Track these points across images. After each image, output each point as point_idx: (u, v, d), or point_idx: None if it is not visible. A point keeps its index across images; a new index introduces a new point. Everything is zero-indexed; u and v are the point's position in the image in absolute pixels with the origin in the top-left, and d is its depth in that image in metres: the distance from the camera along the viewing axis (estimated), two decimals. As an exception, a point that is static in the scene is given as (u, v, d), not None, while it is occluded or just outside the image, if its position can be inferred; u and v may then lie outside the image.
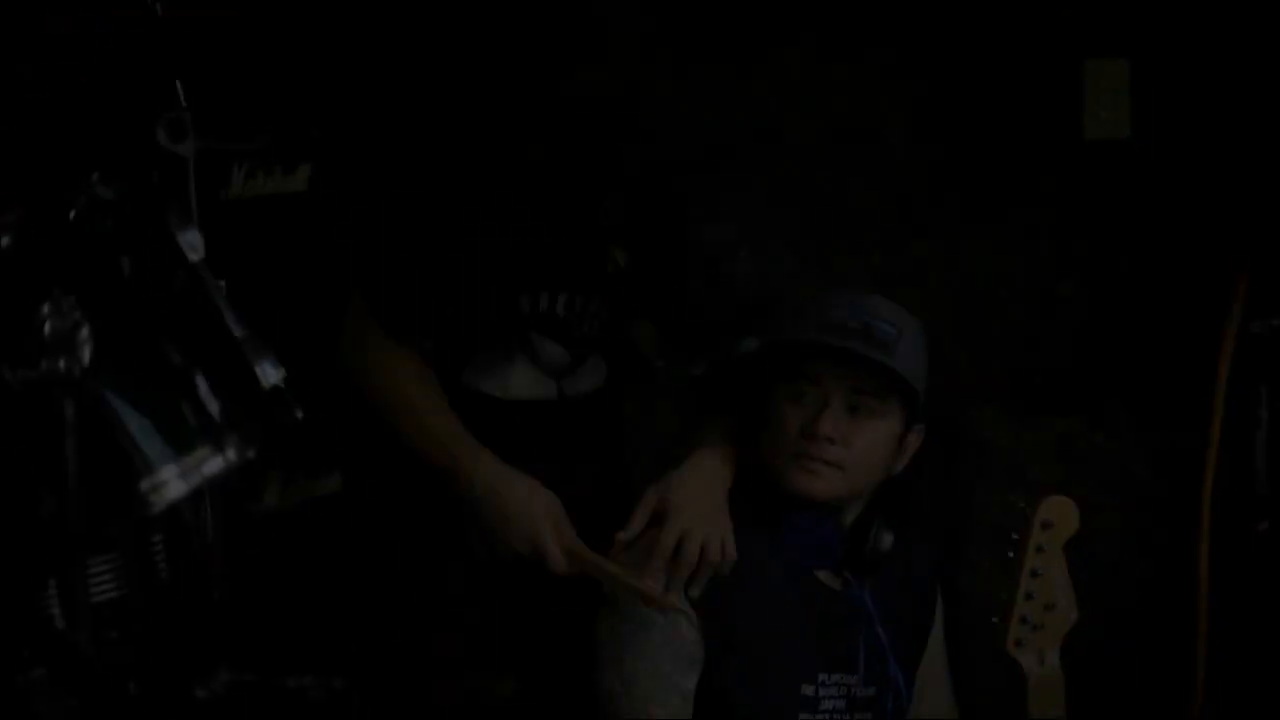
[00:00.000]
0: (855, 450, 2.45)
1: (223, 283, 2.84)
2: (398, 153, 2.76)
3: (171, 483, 2.01)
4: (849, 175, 3.68)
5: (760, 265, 3.75)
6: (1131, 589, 3.51)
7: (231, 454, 2.04)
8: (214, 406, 2.07)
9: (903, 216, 3.64)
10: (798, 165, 3.70)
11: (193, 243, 2.11)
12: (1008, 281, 3.58)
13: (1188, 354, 2.84)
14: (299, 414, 2.18)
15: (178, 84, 2.54)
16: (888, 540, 2.49)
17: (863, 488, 2.50)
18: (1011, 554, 2.24)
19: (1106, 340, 3.54)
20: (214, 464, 2.02)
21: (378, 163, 2.83)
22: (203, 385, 2.07)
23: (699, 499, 2.48)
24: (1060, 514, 2.24)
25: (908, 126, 3.62)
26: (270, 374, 2.14)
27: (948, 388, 3.61)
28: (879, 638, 2.51)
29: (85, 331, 1.98)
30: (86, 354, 1.99)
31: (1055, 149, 3.50)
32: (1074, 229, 3.53)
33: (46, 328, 1.95)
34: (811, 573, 2.49)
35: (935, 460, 3.57)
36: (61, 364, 1.94)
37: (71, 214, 2.01)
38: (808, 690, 2.47)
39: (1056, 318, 3.56)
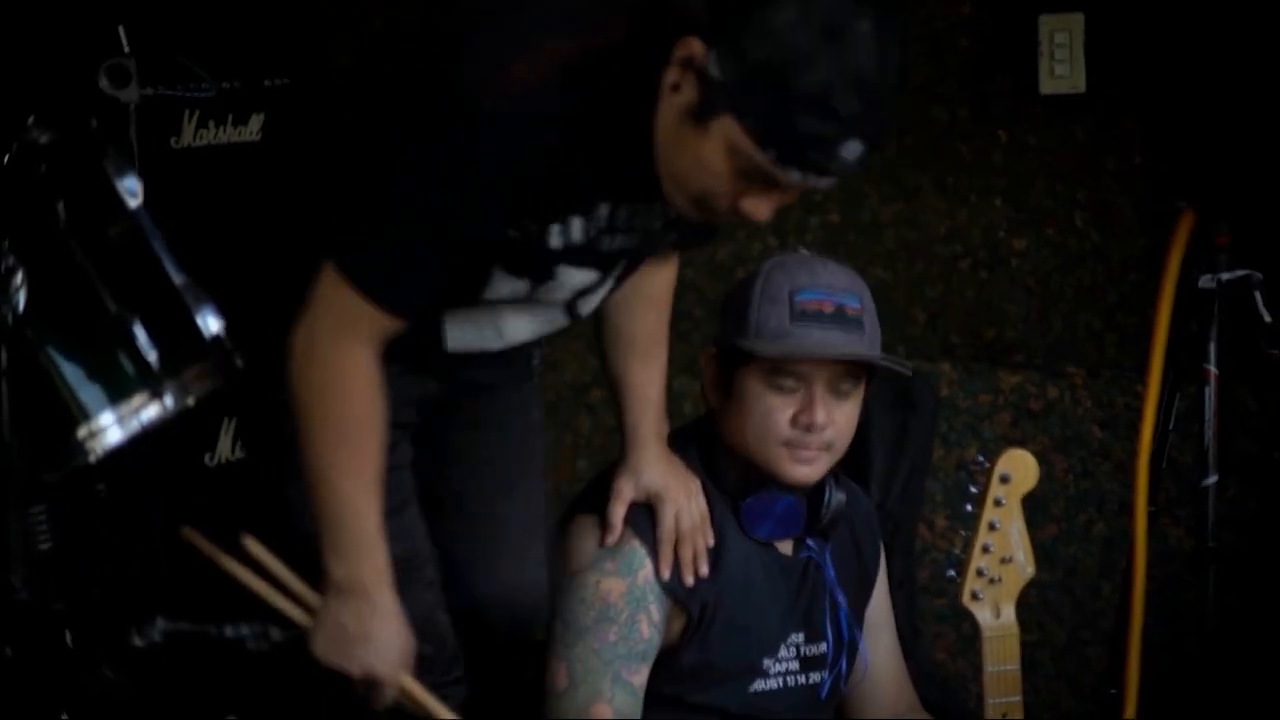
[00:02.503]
0: (840, 429, 2.46)
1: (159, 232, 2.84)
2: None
3: (109, 429, 2.01)
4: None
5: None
6: (1084, 546, 3.53)
7: (169, 401, 2.03)
8: (152, 354, 2.06)
9: (858, 173, 3.63)
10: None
11: (131, 189, 2.09)
12: (962, 237, 3.58)
13: (1142, 310, 2.84)
14: (239, 363, 2.17)
15: (121, 30, 2.53)
16: (840, 500, 2.50)
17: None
18: (970, 507, 2.24)
19: (1061, 296, 3.54)
20: (151, 411, 2.02)
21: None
22: (140, 333, 2.06)
23: (676, 480, 2.49)
24: (1019, 468, 2.23)
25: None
26: (211, 323, 2.13)
27: (903, 344, 3.62)
28: (836, 598, 2.52)
29: (19, 277, 1.97)
30: (21, 300, 1.98)
31: (1010, 104, 3.50)
32: (1029, 184, 3.53)
33: (-21, 272, 1.94)
34: (770, 544, 2.50)
35: (890, 417, 3.58)
36: (-6, 310, 1.93)
37: (5, 158, 1.99)
38: (768, 662, 2.49)
39: (1011, 274, 3.56)
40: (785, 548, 2.53)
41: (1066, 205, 3.51)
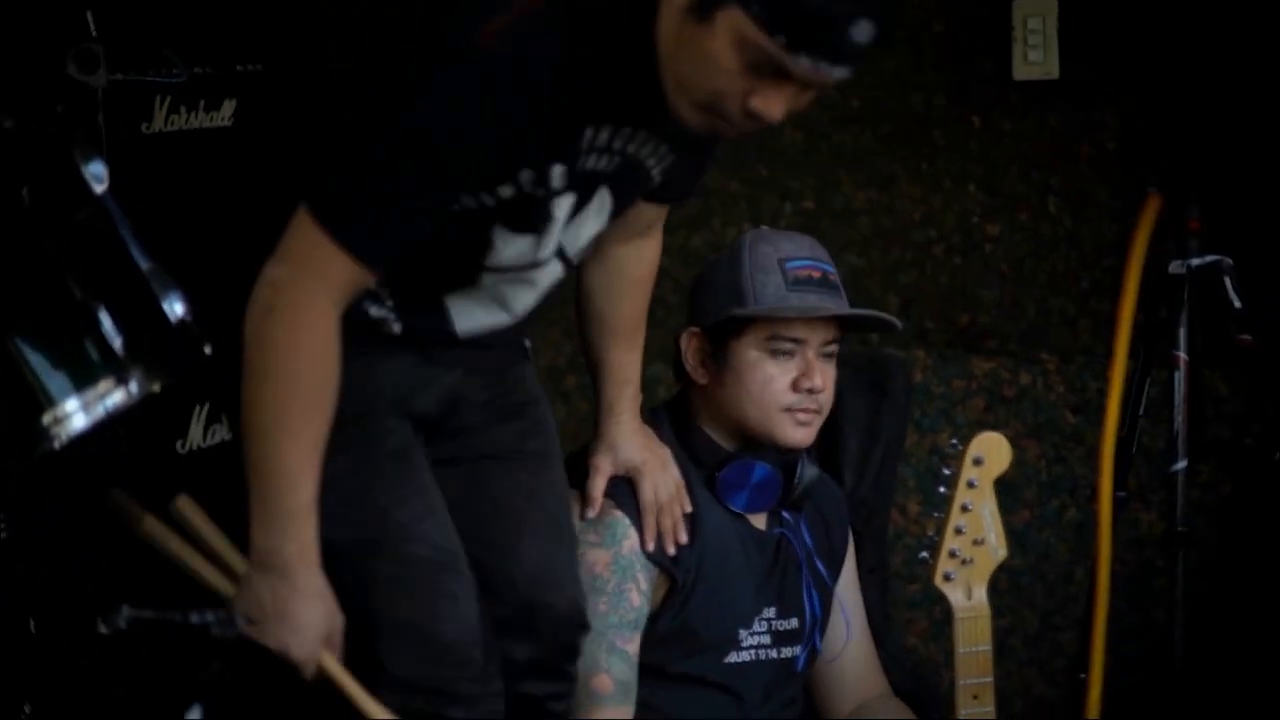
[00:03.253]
0: (830, 391, 2.54)
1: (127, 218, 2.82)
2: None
3: (74, 415, 2.00)
4: (780, 117, 3.66)
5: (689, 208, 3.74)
6: (1057, 531, 3.53)
7: (134, 387, 2.02)
8: (117, 340, 2.05)
9: (833, 159, 3.64)
10: (729, 106, 3.68)
11: (98, 174, 2.08)
12: (937, 223, 3.58)
13: (1114, 296, 2.84)
14: (207, 348, 2.16)
15: (89, 15, 2.51)
16: (813, 473, 2.54)
17: None
18: (943, 489, 2.25)
19: (1034, 282, 3.54)
20: (117, 397, 2.00)
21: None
22: (106, 319, 2.05)
23: (652, 453, 2.52)
24: (992, 450, 2.24)
25: (839, 68, 3.60)
26: (177, 308, 2.12)
27: (876, 330, 3.62)
28: (816, 566, 2.55)
29: (-17, 263, 1.96)
30: (-16, 286, 1.97)
31: (985, 90, 3.50)
32: (1003, 170, 3.53)
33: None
34: (744, 518, 2.53)
35: (863, 403, 3.58)
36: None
37: (-31, 144, 1.98)
38: (743, 633, 2.52)
39: (985, 259, 3.56)
40: (759, 522, 2.55)
41: (1040, 191, 3.51)
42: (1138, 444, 2.92)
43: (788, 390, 2.48)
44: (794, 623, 2.57)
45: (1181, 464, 2.77)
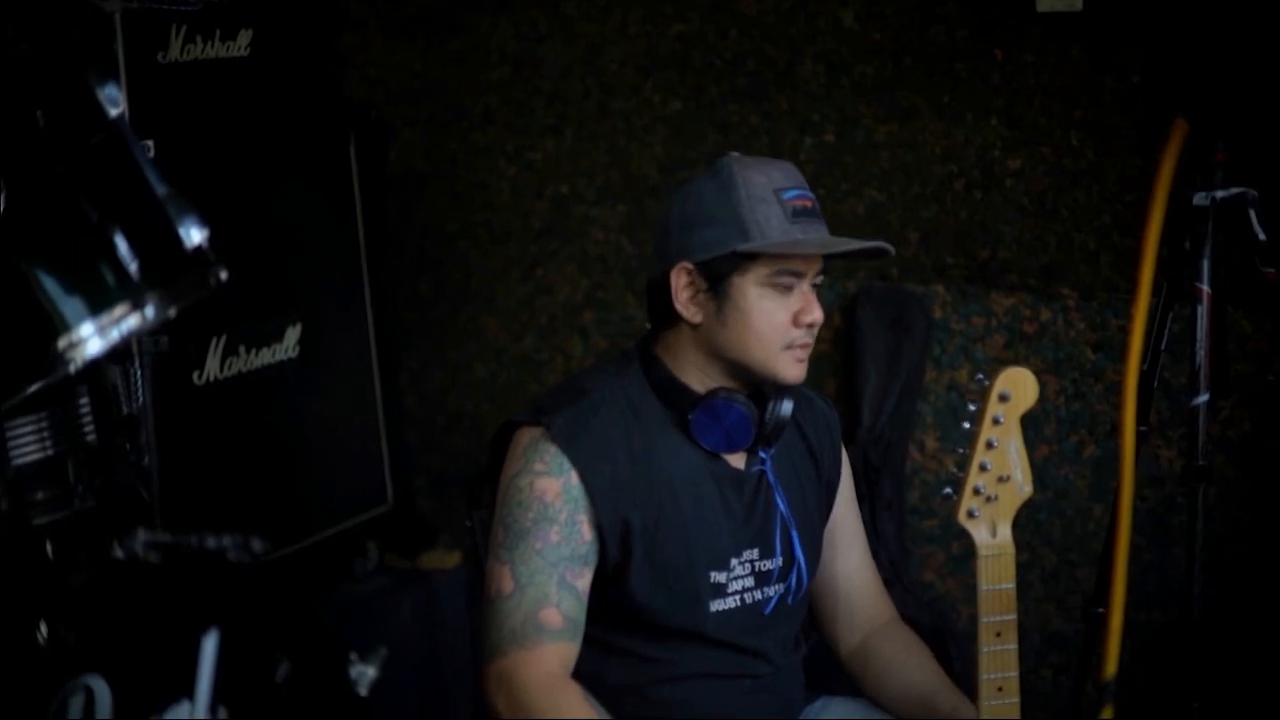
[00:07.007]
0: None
1: (150, 142, 2.81)
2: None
3: (89, 340, 1.97)
4: (800, 52, 3.63)
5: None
6: (1076, 467, 3.52)
7: (150, 312, 2.00)
8: (133, 265, 2.03)
9: (854, 92, 3.61)
10: (749, 40, 3.66)
11: (112, 97, 2.05)
12: (957, 157, 3.55)
13: (1137, 231, 2.81)
14: (223, 275, 2.14)
15: (103, -60, 2.49)
16: (787, 407, 2.48)
17: None
18: (967, 424, 2.21)
19: (1056, 217, 3.52)
20: (132, 321, 1.98)
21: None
22: (121, 243, 2.03)
23: None
24: (1019, 385, 2.19)
25: (859, 2, 3.57)
26: (193, 234, 2.10)
27: (896, 265, 3.60)
28: (781, 509, 2.50)
29: (-2, 186, 1.94)
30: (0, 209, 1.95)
31: (1007, 22, 3.46)
32: (1026, 103, 3.50)
33: (-44, 182, 1.91)
34: (720, 458, 2.48)
35: (883, 339, 3.57)
36: (-29, 220, 1.90)
37: (-16, 67, 1.96)
38: (719, 577, 2.47)
39: (1006, 194, 3.54)
40: (737, 461, 2.50)
41: (1063, 124, 3.48)
42: (1159, 379, 2.90)
43: (789, 325, 2.41)
44: (776, 562, 2.51)
45: (1203, 397, 2.74)
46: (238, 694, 2.06)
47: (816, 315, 2.42)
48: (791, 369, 2.44)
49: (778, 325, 2.42)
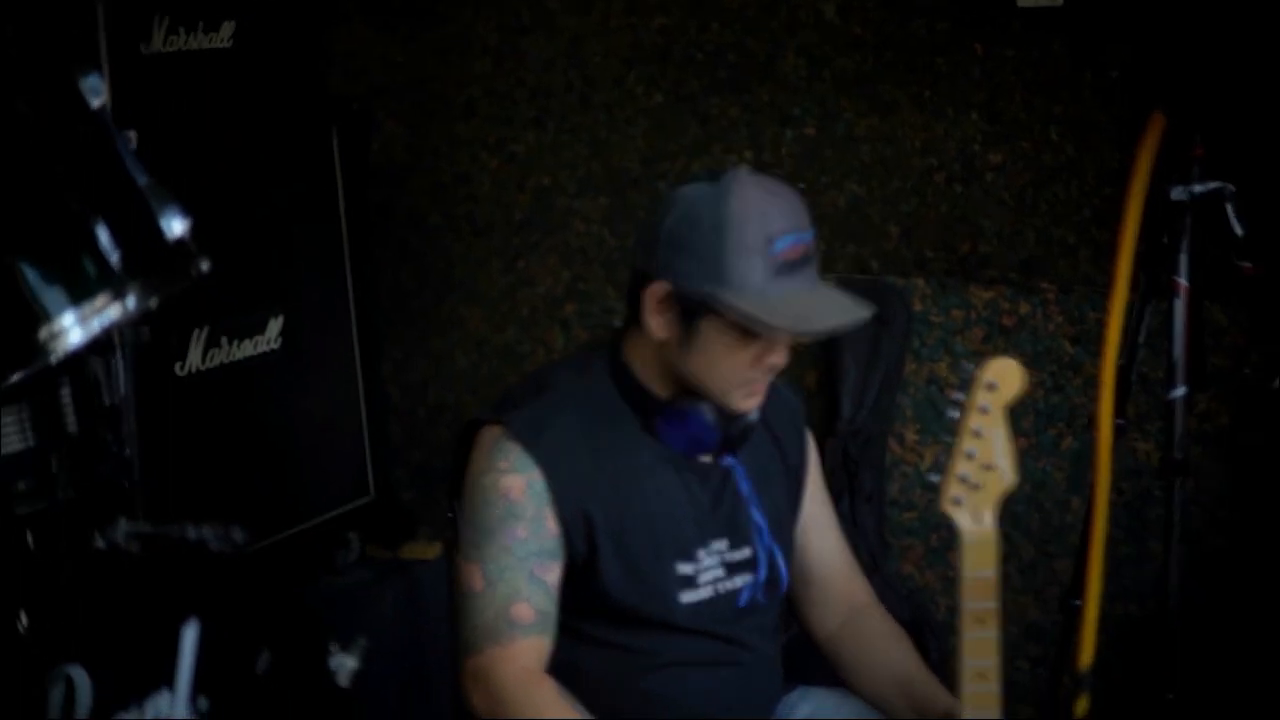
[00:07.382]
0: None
1: (132, 133, 2.81)
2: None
3: (70, 330, 1.97)
4: (781, 45, 3.64)
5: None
6: (1054, 460, 3.53)
7: (131, 302, 2.00)
8: (115, 255, 2.03)
9: (835, 86, 3.62)
10: (730, 33, 3.67)
11: (95, 88, 2.05)
12: (938, 151, 3.57)
13: (1116, 225, 2.83)
14: (204, 265, 2.15)
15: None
16: (754, 415, 2.48)
17: None
18: (954, 414, 2.23)
19: (1035, 211, 3.53)
20: (113, 312, 1.98)
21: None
22: (103, 234, 2.03)
23: None
24: (1005, 375, 2.21)
25: (841, -5, 3.59)
26: (175, 225, 2.10)
27: (877, 259, 3.62)
28: (748, 498, 2.51)
29: (-22, 176, 1.95)
30: (-20, 199, 1.95)
31: (988, 17, 3.48)
32: (1006, 98, 3.51)
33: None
34: (688, 457, 2.49)
35: (863, 332, 3.58)
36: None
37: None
38: (686, 569, 2.47)
39: (986, 188, 3.55)
40: (703, 455, 2.51)
41: (1043, 119, 3.49)
42: (1137, 373, 2.92)
43: (750, 367, 2.39)
44: (746, 553, 2.51)
45: (1180, 391, 2.76)
46: (219, 684, 2.07)
47: (779, 360, 2.40)
48: (745, 402, 2.44)
49: (738, 367, 2.40)
